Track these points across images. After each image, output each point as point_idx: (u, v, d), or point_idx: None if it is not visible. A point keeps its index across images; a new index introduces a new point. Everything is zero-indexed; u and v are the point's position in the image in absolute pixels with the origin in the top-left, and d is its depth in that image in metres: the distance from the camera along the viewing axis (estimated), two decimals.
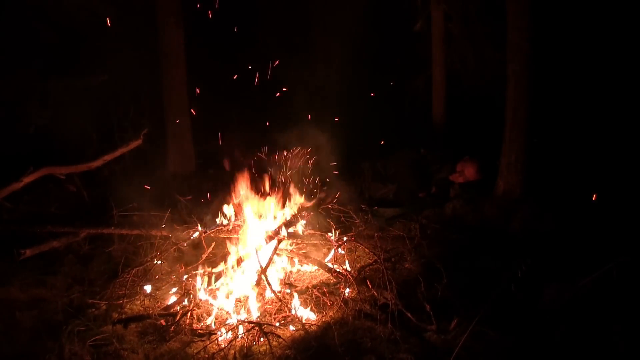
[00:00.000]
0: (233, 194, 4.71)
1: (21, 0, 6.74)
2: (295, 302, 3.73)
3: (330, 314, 3.68)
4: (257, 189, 4.67)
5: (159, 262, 4.38)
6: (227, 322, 3.58)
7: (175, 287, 4.10)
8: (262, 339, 3.32)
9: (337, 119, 7.05)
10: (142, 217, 5.47)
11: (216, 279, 4.03)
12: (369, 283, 3.86)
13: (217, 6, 6.20)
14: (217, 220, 4.77)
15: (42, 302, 3.94)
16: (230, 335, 3.40)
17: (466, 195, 5.95)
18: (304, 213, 4.87)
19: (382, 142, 7.22)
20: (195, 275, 4.05)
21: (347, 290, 3.89)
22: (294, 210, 4.86)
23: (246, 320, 3.52)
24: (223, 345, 3.27)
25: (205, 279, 3.97)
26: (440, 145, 7.59)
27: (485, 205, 5.62)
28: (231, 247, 4.26)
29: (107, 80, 7.44)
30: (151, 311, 3.72)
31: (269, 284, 3.81)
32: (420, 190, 6.67)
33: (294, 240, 4.69)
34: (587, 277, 3.77)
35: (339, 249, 4.69)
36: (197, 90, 6.91)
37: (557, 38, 7.00)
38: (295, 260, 4.52)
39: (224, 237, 4.66)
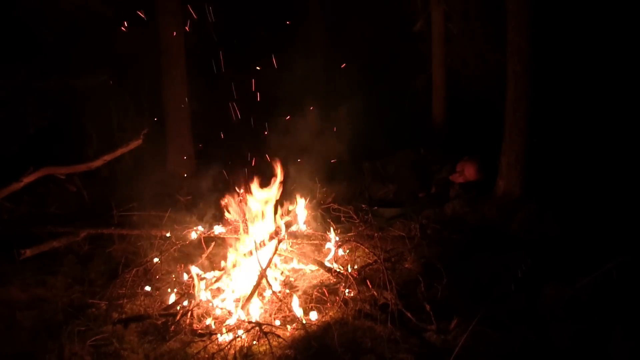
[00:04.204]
0: (234, 195, 4.71)
1: (21, 0, 6.74)
2: (295, 302, 3.73)
3: (330, 314, 3.68)
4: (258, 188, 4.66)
5: (158, 260, 4.37)
6: (227, 322, 3.58)
7: (175, 287, 4.10)
8: (262, 339, 3.32)
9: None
10: (142, 217, 5.47)
11: (215, 281, 4.03)
12: (369, 283, 3.86)
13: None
14: (217, 226, 4.77)
15: (42, 302, 3.95)
16: (230, 335, 3.40)
17: (466, 196, 5.95)
18: (304, 213, 4.87)
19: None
20: (194, 276, 4.05)
21: (347, 290, 3.89)
22: (294, 210, 4.86)
23: (246, 320, 3.53)
24: (223, 345, 3.27)
25: (203, 281, 3.97)
26: (440, 145, 7.59)
27: (485, 205, 5.62)
28: (230, 248, 4.26)
29: (107, 80, 7.44)
30: (151, 311, 3.72)
31: (269, 284, 3.81)
32: (420, 190, 6.67)
33: (294, 241, 4.69)
34: (587, 277, 3.77)
35: (339, 249, 4.69)
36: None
37: (557, 38, 6.99)
38: (295, 260, 4.52)
39: (224, 237, 4.67)
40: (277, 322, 3.60)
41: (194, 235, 4.69)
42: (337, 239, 4.62)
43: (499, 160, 5.79)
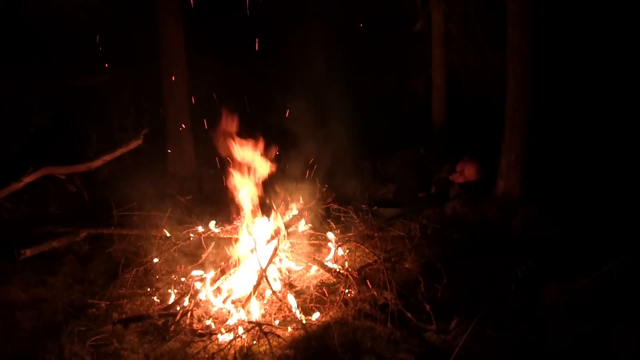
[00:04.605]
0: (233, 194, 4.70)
1: (21, 0, 6.74)
2: (294, 302, 3.73)
3: (330, 314, 3.68)
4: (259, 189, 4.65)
5: (157, 260, 4.37)
6: (227, 322, 3.58)
7: (175, 287, 4.11)
8: (262, 339, 3.32)
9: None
10: (142, 217, 5.47)
11: (215, 281, 4.02)
12: (369, 283, 3.86)
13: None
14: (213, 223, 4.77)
15: (42, 302, 3.94)
16: (230, 335, 3.40)
17: (466, 196, 5.95)
18: (304, 213, 4.87)
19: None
20: (195, 276, 4.05)
21: (347, 290, 3.89)
22: (295, 210, 4.86)
23: (246, 320, 3.53)
24: (223, 345, 3.27)
25: (207, 281, 3.97)
26: (440, 145, 7.59)
27: (485, 205, 5.62)
28: (230, 248, 4.26)
29: (107, 80, 7.44)
30: (151, 311, 3.72)
31: (269, 284, 3.81)
32: (420, 190, 6.67)
33: (294, 240, 4.69)
34: (587, 277, 3.77)
35: (339, 249, 4.69)
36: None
37: (557, 38, 7.00)
38: (295, 260, 4.52)
39: (224, 237, 4.67)
40: (277, 322, 3.60)
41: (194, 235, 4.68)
42: (337, 239, 4.62)
43: (499, 160, 5.79)
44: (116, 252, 4.83)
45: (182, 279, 4.20)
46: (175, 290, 4.04)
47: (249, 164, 4.43)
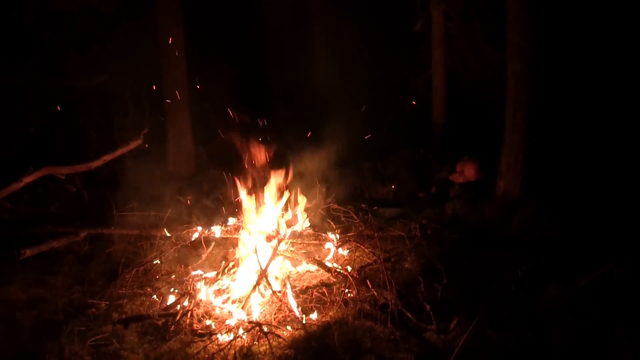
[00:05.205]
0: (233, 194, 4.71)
1: (21, 0, 6.74)
2: (294, 302, 3.73)
3: (330, 314, 3.68)
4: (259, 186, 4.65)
5: (158, 261, 4.37)
6: (227, 322, 3.58)
7: (175, 287, 4.11)
8: (262, 339, 3.32)
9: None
10: (142, 217, 5.47)
11: (215, 280, 4.03)
12: (369, 283, 3.86)
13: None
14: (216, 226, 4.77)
15: (42, 302, 3.95)
16: (230, 335, 3.40)
17: (466, 196, 5.95)
18: (304, 213, 4.87)
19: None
20: (195, 276, 4.06)
21: (347, 290, 3.88)
22: (295, 210, 4.86)
23: (246, 320, 3.53)
24: (223, 345, 3.27)
25: (204, 280, 3.98)
26: (440, 145, 7.58)
27: (485, 205, 5.62)
28: (231, 248, 4.26)
29: (107, 80, 7.43)
30: (151, 311, 3.72)
31: (269, 284, 3.81)
32: (420, 190, 6.67)
33: (294, 240, 4.69)
34: (587, 277, 3.77)
35: (339, 249, 4.69)
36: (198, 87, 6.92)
37: (557, 38, 6.99)
38: (295, 260, 4.52)
39: (224, 237, 4.67)
40: (277, 322, 3.60)
41: (196, 235, 4.69)
42: (338, 237, 4.62)
43: (499, 160, 5.79)
44: (116, 252, 4.83)
45: (185, 278, 4.20)
46: (176, 290, 4.04)
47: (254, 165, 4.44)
